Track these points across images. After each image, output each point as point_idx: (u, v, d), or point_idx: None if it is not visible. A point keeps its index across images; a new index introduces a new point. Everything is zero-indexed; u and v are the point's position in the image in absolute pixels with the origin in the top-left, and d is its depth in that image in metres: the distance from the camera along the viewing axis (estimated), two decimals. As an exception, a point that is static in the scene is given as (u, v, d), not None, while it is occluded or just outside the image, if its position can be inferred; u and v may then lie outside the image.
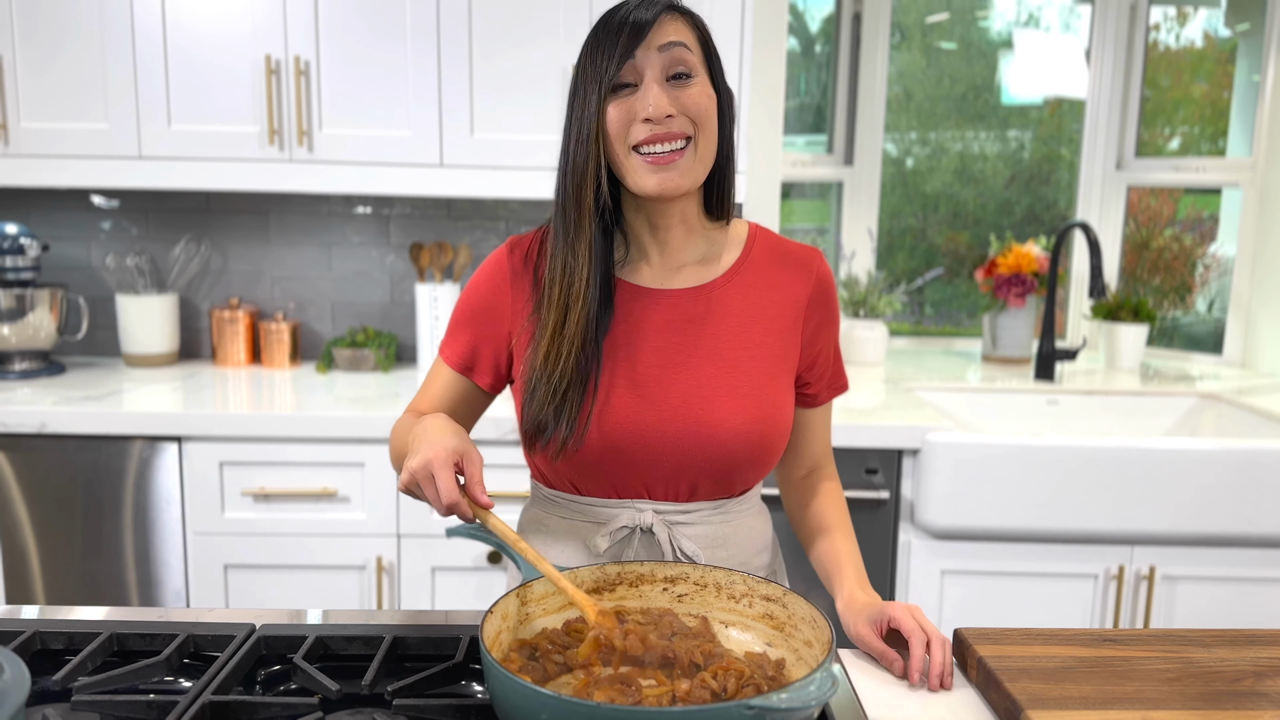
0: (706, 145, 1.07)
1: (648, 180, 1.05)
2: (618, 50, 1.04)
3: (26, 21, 2.12)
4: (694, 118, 1.05)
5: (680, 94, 1.05)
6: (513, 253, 1.17)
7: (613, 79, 1.04)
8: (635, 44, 1.03)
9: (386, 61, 2.16)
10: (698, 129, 1.06)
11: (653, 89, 1.03)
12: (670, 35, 1.04)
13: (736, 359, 1.12)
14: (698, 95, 1.05)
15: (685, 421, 1.09)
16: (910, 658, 0.98)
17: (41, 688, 0.89)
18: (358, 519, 2.03)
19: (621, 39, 1.04)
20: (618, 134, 1.05)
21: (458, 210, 2.59)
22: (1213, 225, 2.96)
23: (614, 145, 1.06)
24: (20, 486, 2.02)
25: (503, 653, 0.89)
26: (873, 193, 2.94)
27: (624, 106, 1.04)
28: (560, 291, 1.09)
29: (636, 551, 1.13)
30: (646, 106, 1.03)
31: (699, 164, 1.07)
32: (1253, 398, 2.36)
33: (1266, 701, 0.90)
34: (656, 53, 1.04)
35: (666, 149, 1.04)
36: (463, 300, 1.19)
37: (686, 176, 1.06)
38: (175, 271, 2.56)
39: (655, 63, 1.04)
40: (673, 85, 1.05)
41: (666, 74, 1.05)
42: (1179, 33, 2.94)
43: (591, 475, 1.12)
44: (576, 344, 1.08)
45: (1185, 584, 2.04)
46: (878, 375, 2.55)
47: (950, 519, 1.99)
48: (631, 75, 1.04)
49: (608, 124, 1.05)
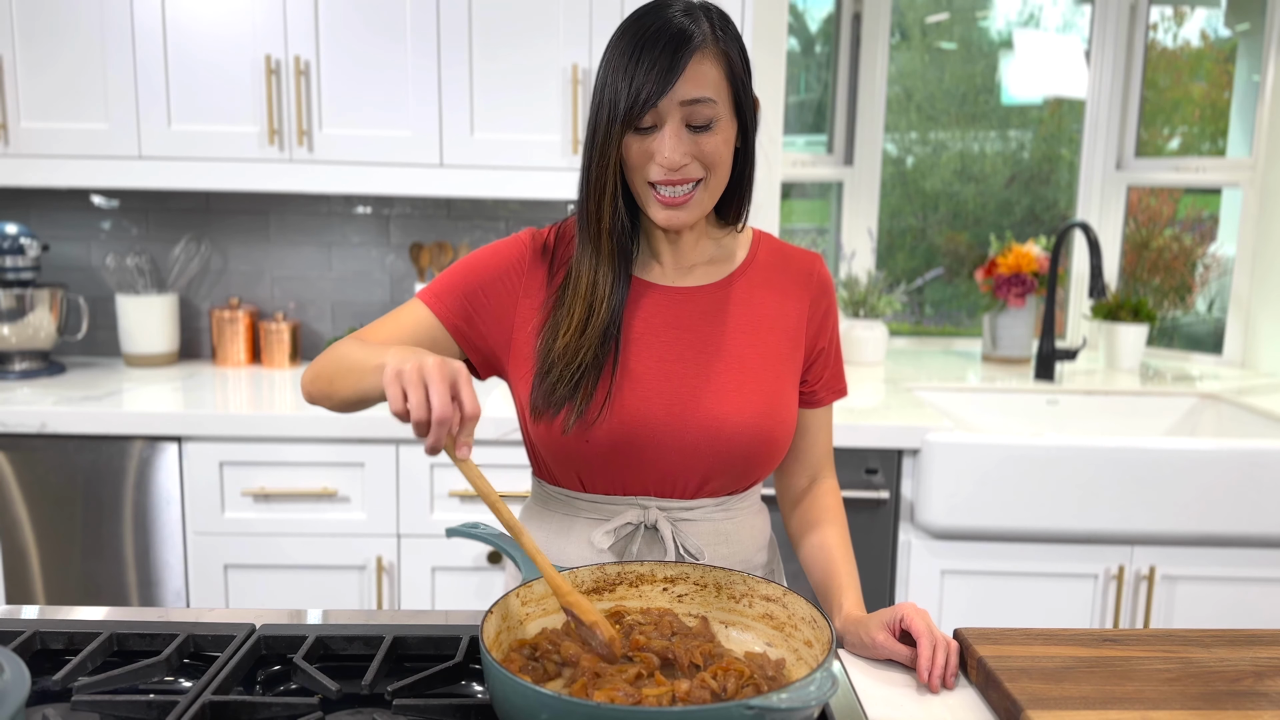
0: (718, 181, 1.09)
1: (657, 215, 1.08)
2: (642, 92, 1.02)
3: (26, 21, 2.12)
4: (707, 164, 1.06)
5: (699, 141, 1.05)
6: (534, 240, 1.18)
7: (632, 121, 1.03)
8: (660, 91, 1.02)
9: (386, 61, 2.16)
10: (710, 171, 1.07)
11: (668, 141, 1.04)
12: (694, 90, 1.03)
13: (744, 356, 1.13)
14: (716, 144, 1.06)
15: (693, 415, 1.10)
16: (919, 658, 0.99)
17: (41, 688, 0.89)
18: (357, 519, 2.03)
19: (648, 78, 1.01)
20: (636, 166, 1.07)
21: (458, 210, 2.59)
22: (1213, 225, 2.96)
23: (632, 174, 1.08)
24: (20, 486, 2.02)
25: (503, 653, 0.89)
26: (873, 193, 2.94)
27: (643, 143, 1.05)
28: (586, 290, 1.11)
29: (639, 548, 1.14)
30: (662, 155, 1.04)
31: (709, 198, 1.09)
32: (1253, 398, 2.36)
33: (1266, 701, 0.90)
34: (679, 106, 1.03)
35: (678, 192, 1.06)
36: (470, 263, 1.15)
37: (693, 213, 1.08)
38: (175, 271, 2.56)
39: (677, 113, 1.03)
40: (691, 132, 1.05)
41: (686, 123, 1.04)
42: (1177, 33, 2.94)
43: (599, 470, 1.13)
44: (598, 340, 1.10)
45: (1185, 584, 2.04)
46: (878, 375, 2.55)
47: (950, 519, 1.99)
48: (652, 119, 1.04)
49: (627, 154, 1.06)
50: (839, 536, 1.21)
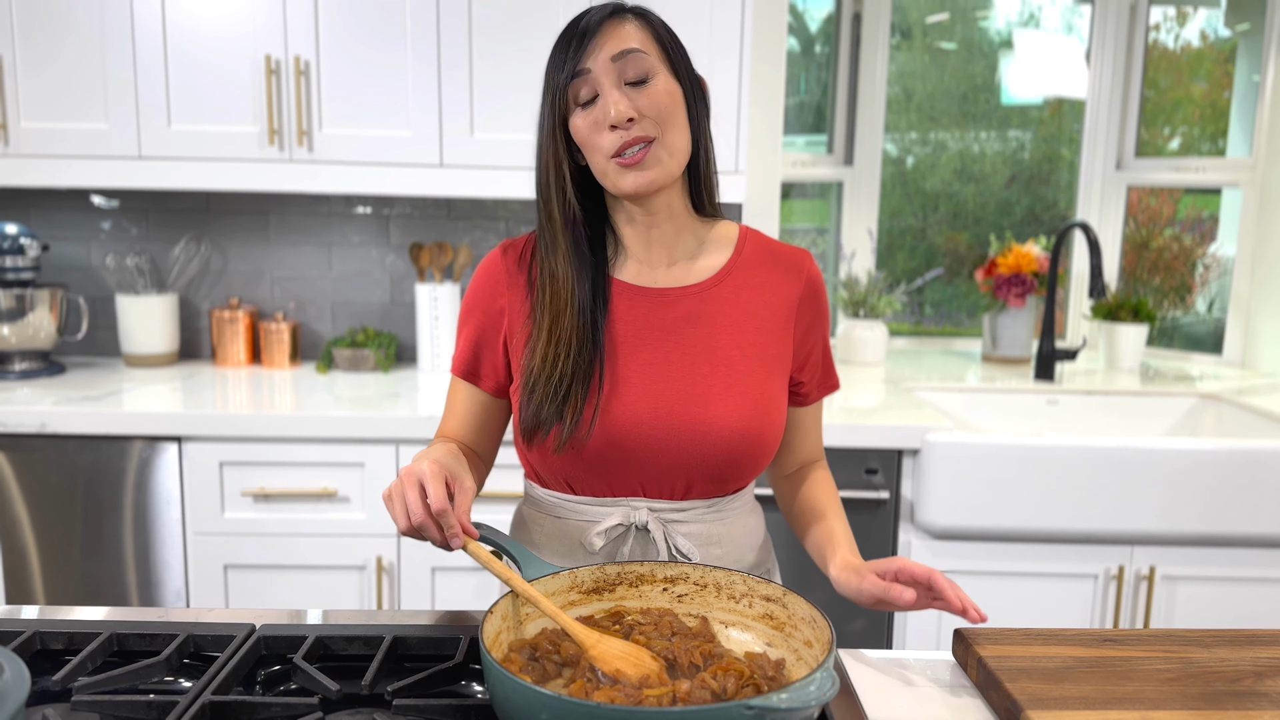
0: (675, 138, 1.08)
1: (624, 181, 1.07)
2: (568, 63, 1.06)
3: (26, 21, 2.12)
4: (656, 117, 1.06)
5: (640, 96, 1.06)
6: (506, 254, 1.18)
7: (564, 90, 1.07)
8: (584, 55, 1.06)
9: (386, 62, 2.16)
10: (662, 127, 1.07)
11: (611, 95, 1.05)
12: (622, 43, 1.06)
13: (731, 357, 1.13)
14: (658, 94, 1.06)
15: (680, 419, 1.10)
16: (947, 598, 0.98)
17: (41, 688, 0.89)
18: (357, 519, 2.03)
19: (571, 51, 1.06)
20: (590, 144, 1.07)
21: (458, 210, 2.59)
22: (1213, 225, 2.96)
23: (590, 155, 1.09)
24: (20, 486, 2.02)
25: (503, 653, 0.89)
26: (873, 193, 2.94)
27: (590, 116, 1.07)
28: (550, 295, 1.11)
29: (631, 550, 1.14)
30: (607, 113, 1.05)
31: (670, 157, 1.08)
32: (1253, 398, 2.36)
33: (1266, 701, 0.90)
34: (610, 62, 1.05)
35: (634, 151, 1.06)
36: (462, 306, 1.22)
37: (659, 170, 1.07)
38: (175, 271, 2.56)
39: (610, 71, 1.06)
40: (631, 89, 1.06)
41: (623, 80, 1.06)
42: (1178, 33, 2.94)
43: (587, 474, 1.13)
44: (574, 344, 1.09)
45: (1185, 584, 2.04)
46: (877, 375, 2.55)
47: (950, 519, 1.99)
48: (590, 86, 1.06)
49: (577, 136, 1.08)
50: (829, 494, 1.20)
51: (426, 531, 0.94)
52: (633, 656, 0.85)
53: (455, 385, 1.22)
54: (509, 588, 0.93)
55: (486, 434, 1.22)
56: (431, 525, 0.94)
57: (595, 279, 1.12)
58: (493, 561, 0.95)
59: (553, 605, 0.91)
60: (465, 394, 1.21)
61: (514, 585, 0.92)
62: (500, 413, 1.22)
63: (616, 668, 0.84)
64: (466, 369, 1.20)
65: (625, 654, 0.86)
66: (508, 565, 0.96)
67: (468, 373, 1.20)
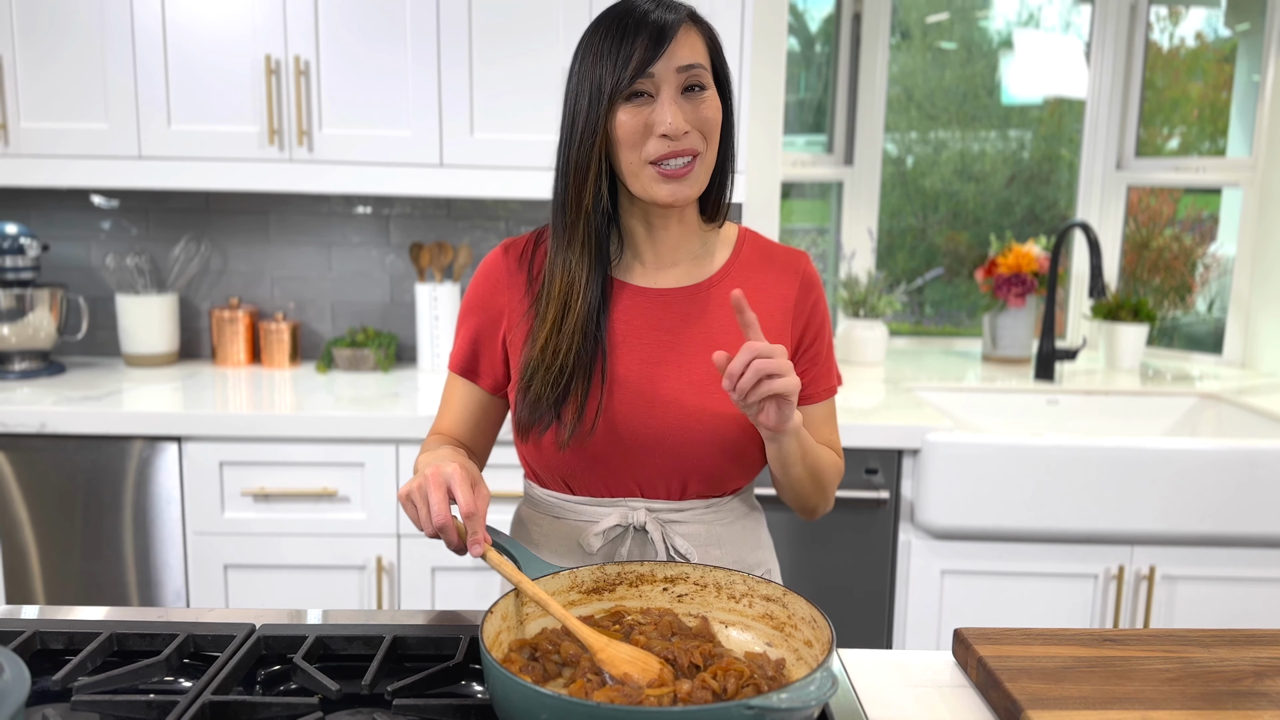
0: (711, 157, 1.09)
1: (659, 191, 1.06)
2: (634, 59, 1.03)
3: (26, 21, 2.12)
4: (705, 132, 1.06)
5: (694, 108, 1.05)
6: (507, 253, 1.18)
7: (626, 89, 1.03)
8: (654, 56, 1.03)
9: (386, 62, 2.16)
10: (708, 142, 1.07)
11: (669, 106, 1.03)
12: (688, 56, 1.04)
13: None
14: (709, 110, 1.06)
15: (678, 418, 1.10)
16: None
17: (41, 688, 0.89)
18: (357, 519, 2.03)
19: (639, 47, 1.03)
20: (631, 142, 1.05)
21: (458, 210, 2.59)
22: (1213, 225, 2.96)
23: (625, 153, 1.06)
24: (20, 486, 2.02)
25: (503, 653, 0.89)
26: (873, 192, 2.94)
27: (639, 116, 1.04)
28: (561, 287, 1.10)
29: (629, 550, 1.14)
30: (664, 122, 1.03)
31: (705, 173, 1.09)
32: (1253, 398, 2.36)
33: (1266, 701, 0.90)
34: (676, 71, 1.04)
35: (680, 164, 1.05)
36: (462, 304, 1.21)
37: (695, 187, 1.08)
38: (175, 271, 2.56)
39: (673, 80, 1.04)
40: (686, 98, 1.05)
41: (681, 88, 1.05)
42: (1174, 33, 2.94)
43: (585, 473, 1.13)
44: (577, 339, 1.09)
45: (1185, 584, 2.04)
46: (877, 375, 2.55)
47: (950, 519, 1.99)
48: (648, 86, 1.04)
49: (619, 130, 1.05)
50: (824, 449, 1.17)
51: (445, 535, 0.95)
52: (641, 661, 0.85)
53: (452, 381, 1.22)
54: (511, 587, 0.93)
55: (481, 432, 1.22)
56: (451, 529, 0.95)
57: (602, 279, 1.12)
58: (504, 564, 0.95)
59: (562, 609, 0.90)
60: (462, 391, 1.21)
61: (528, 591, 0.92)
62: (496, 411, 1.23)
63: (625, 671, 0.84)
64: (464, 366, 1.20)
65: (634, 659, 0.86)
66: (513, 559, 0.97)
67: (465, 369, 1.20)
